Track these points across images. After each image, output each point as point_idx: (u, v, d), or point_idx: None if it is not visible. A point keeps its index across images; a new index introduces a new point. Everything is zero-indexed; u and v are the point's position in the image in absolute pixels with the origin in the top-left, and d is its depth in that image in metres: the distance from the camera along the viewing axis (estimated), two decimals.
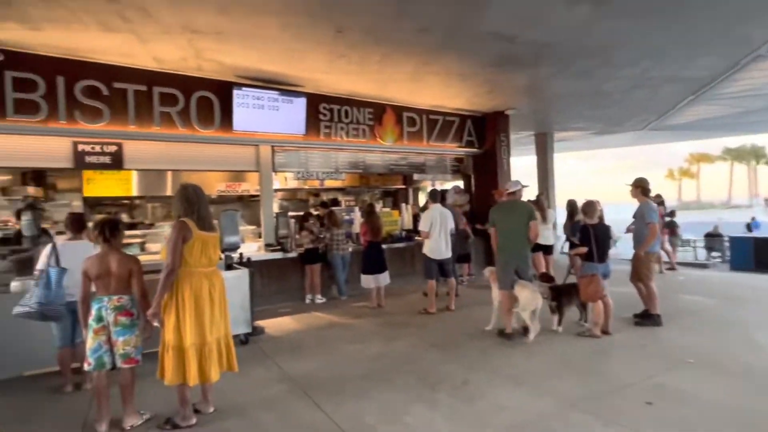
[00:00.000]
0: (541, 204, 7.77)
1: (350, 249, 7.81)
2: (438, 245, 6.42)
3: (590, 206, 5.33)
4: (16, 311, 3.60)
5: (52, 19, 4.98)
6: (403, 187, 12.82)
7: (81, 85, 6.08)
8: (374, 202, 13.24)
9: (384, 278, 7.04)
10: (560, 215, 9.31)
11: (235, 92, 7.04)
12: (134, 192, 9.24)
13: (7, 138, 5.76)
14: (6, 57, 5.66)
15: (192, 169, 7.69)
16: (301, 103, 7.65)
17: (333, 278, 7.82)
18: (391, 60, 6.65)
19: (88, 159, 6.29)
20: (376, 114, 8.72)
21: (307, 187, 11.73)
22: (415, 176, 9.65)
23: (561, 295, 5.39)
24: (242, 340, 5.26)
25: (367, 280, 6.95)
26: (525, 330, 5.14)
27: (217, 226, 3.46)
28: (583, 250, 5.16)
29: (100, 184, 8.47)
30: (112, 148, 6.41)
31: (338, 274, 7.72)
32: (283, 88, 7.54)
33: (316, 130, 8.05)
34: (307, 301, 7.56)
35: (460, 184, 10.73)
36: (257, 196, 11.06)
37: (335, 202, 12.13)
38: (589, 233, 5.15)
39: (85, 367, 3.19)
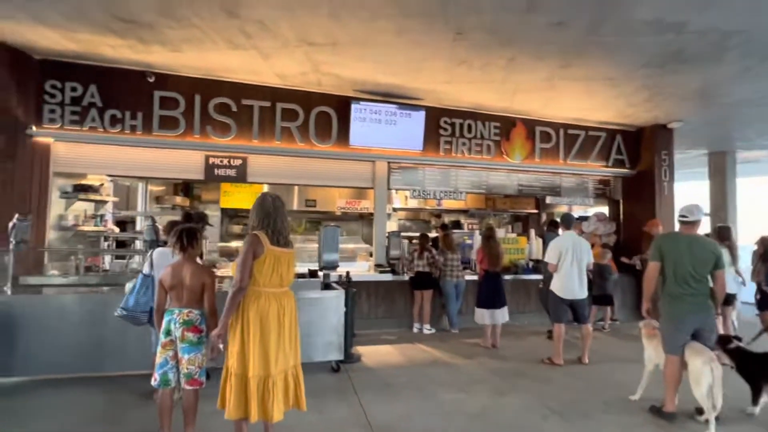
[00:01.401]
0: (730, 239, 5.86)
1: (465, 277, 7.00)
2: (570, 282, 5.27)
3: None
4: (116, 313, 3.67)
5: (187, 39, 5.33)
6: (535, 212, 11.47)
7: (214, 102, 6.49)
8: (496, 226, 12.18)
9: (502, 315, 6.07)
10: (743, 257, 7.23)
11: (353, 106, 6.89)
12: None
13: (153, 151, 6.37)
14: (156, 78, 6.29)
15: (310, 184, 7.76)
16: (419, 116, 7.21)
17: (444, 307, 7.08)
18: (520, 64, 5.81)
19: (217, 172, 6.66)
20: (504, 128, 7.84)
21: (429, 207, 11.24)
22: (548, 200, 8.42)
23: (751, 367, 3.87)
24: (333, 368, 4.84)
25: (482, 315, 6.06)
26: (697, 410, 3.76)
27: (291, 241, 3.06)
28: None
29: (235, 197, 9.09)
30: (238, 162, 6.72)
31: (450, 303, 6.95)
32: (402, 101, 7.18)
33: (436, 145, 7.50)
34: (415, 330, 6.93)
35: (605, 210, 9.12)
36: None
37: (457, 225, 11.39)
38: None
39: (152, 382, 3.02)
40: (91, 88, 6.04)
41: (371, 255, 7.70)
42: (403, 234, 9.20)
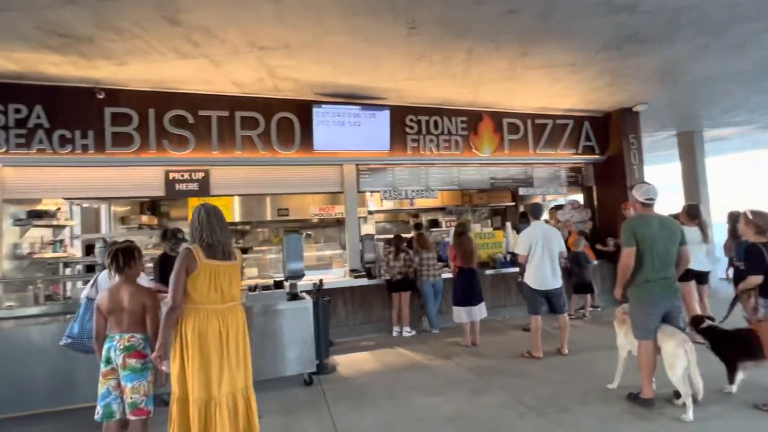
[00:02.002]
0: (699, 217, 5.67)
1: (443, 275, 6.87)
2: (542, 272, 5.18)
3: (762, 218, 3.72)
4: (61, 342, 3.44)
5: (131, 51, 5.12)
6: (512, 204, 11.43)
7: (169, 115, 6.27)
8: (475, 221, 12.13)
9: (479, 311, 5.95)
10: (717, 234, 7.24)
11: (315, 110, 6.73)
12: (237, 218, 9.57)
13: (108, 170, 6.12)
14: (107, 94, 6.05)
15: (277, 193, 7.58)
16: (384, 116, 7.08)
17: (424, 308, 6.95)
18: (478, 56, 5.72)
19: (179, 186, 6.44)
20: (471, 122, 7.75)
21: (405, 207, 11.12)
22: (521, 191, 8.34)
23: (724, 346, 3.81)
24: (306, 381, 4.66)
25: (459, 314, 5.94)
26: (675, 394, 3.67)
27: (237, 252, 2.89)
28: (757, 280, 3.57)
29: None
30: (200, 175, 6.50)
31: (429, 303, 6.81)
32: (366, 102, 7.05)
33: (403, 144, 7.38)
34: (395, 333, 6.78)
35: (579, 197, 9.10)
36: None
37: (435, 223, 11.31)
38: (763, 256, 3.56)
39: (95, 416, 2.81)
40: (36, 108, 5.78)
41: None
42: (381, 237, 9.09)
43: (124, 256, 2.88)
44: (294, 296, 4.85)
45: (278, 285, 4.94)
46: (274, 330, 4.54)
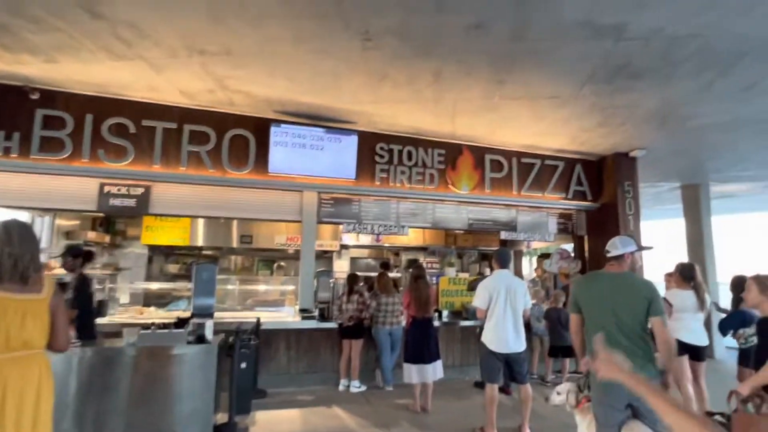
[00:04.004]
0: (695, 279, 4.73)
1: (402, 323, 6.03)
2: (503, 332, 4.32)
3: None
4: None
5: (56, 46, 4.59)
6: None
7: (109, 123, 5.71)
8: (465, 264, 11.30)
9: (433, 371, 5.08)
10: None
11: (273, 129, 6.14)
12: (200, 242, 8.92)
13: (31, 177, 5.51)
14: (42, 95, 5.53)
15: (228, 217, 6.94)
16: (351, 141, 6.46)
17: (378, 360, 6.07)
18: (448, 80, 5.11)
19: (113, 201, 5.80)
20: (449, 156, 7.09)
21: (387, 244, 10.37)
22: (503, 235, 7.56)
23: None
24: None
25: (409, 372, 5.07)
26: None
27: (48, 282, 2.17)
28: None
29: (159, 233, 8.20)
30: (139, 191, 5.86)
31: (384, 355, 5.95)
32: (332, 126, 6.46)
33: (370, 174, 6.71)
34: (341, 387, 5.88)
35: (569, 247, 8.29)
36: (330, 251, 10.16)
37: (416, 265, 10.51)
38: None
39: None
40: None
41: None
42: (360, 273, 8.29)
43: None
44: (200, 339, 4.05)
45: (181, 323, 4.15)
46: (164, 380, 3.74)
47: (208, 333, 4.04)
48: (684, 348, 4.61)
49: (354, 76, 5.12)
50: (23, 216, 7.46)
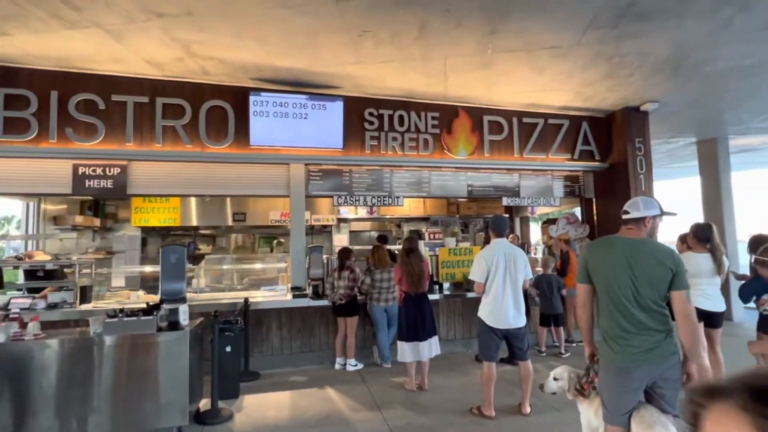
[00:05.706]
0: (712, 241, 4.34)
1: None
2: (501, 306, 4.00)
3: None
4: None
5: (5, 16, 4.20)
6: (507, 216, 10.21)
7: (75, 100, 5.36)
8: (472, 233, 10.93)
9: (429, 348, 4.81)
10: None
11: (252, 98, 5.73)
12: (195, 222, 8.70)
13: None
14: (1, 72, 5.18)
15: (211, 195, 6.63)
16: (336, 108, 6.03)
17: (375, 337, 5.83)
18: (435, 33, 4.62)
19: (89, 183, 5.50)
20: (444, 119, 6.62)
21: (388, 216, 10.02)
22: (505, 201, 7.13)
23: None
24: None
25: (402, 351, 4.80)
26: None
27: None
28: None
29: (150, 214, 7.98)
30: (116, 171, 5.55)
31: (380, 332, 5.70)
32: (315, 92, 6.02)
33: (360, 142, 6.30)
34: (338, 366, 5.68)
35: (577, 210, 7.85)
36: (329, 226, 9.87)
37: (418, 235, 10.16)
38: None
39: None
40: None
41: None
42: (359, 248, 8.00)
43: None
44: (172, 325, 3.79)
45: (152, 309, 3.89)
46: (134, 370, 3.51)
47: (183, 318, 3.79)
48: (700, 315, 4.22)
49: (331, 34, 4.65)
50: (15, 203, 7.29)
